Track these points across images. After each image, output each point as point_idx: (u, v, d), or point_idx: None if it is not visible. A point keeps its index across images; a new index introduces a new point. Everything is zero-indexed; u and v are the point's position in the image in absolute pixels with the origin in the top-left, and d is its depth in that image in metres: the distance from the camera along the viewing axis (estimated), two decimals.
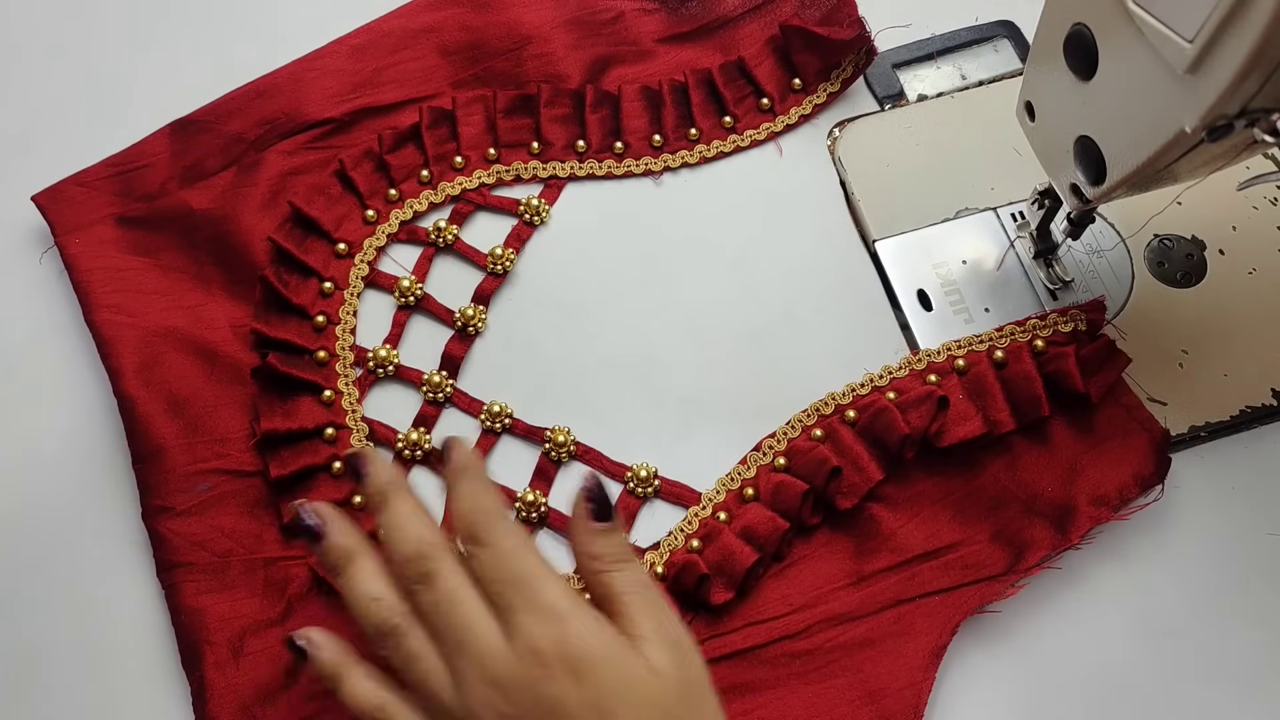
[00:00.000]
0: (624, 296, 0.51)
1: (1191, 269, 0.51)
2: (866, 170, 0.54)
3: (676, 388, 0.49)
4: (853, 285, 0.51)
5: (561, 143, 0.54)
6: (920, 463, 0.46)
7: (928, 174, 0.53)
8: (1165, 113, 0.35)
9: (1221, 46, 0.31)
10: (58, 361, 0.50)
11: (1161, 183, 0.40)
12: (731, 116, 0.54)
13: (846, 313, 0.51)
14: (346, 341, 0.49)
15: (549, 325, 0.50)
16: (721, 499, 0.46)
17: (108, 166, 0.52)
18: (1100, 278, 0.50)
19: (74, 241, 0.50)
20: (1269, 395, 0.48)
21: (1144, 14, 0.34)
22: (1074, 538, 0.44)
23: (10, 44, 0.58)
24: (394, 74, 0.54)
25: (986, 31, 0.57)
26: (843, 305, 0.51)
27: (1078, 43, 0.38)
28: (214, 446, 0.46)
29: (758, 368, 0.49)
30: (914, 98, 0.55)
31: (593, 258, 0.52)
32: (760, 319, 0.50)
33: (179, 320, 0.49)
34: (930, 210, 0.53)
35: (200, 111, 0.53)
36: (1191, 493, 0.46)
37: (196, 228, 0.51)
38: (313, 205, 0.51)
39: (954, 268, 0.51)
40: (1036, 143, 0.45)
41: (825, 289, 0.51)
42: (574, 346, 0.50)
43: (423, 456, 0.48)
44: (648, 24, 0.56)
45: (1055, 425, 0.46)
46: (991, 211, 0.52)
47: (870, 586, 0.44)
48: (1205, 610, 0.44)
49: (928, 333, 0.50)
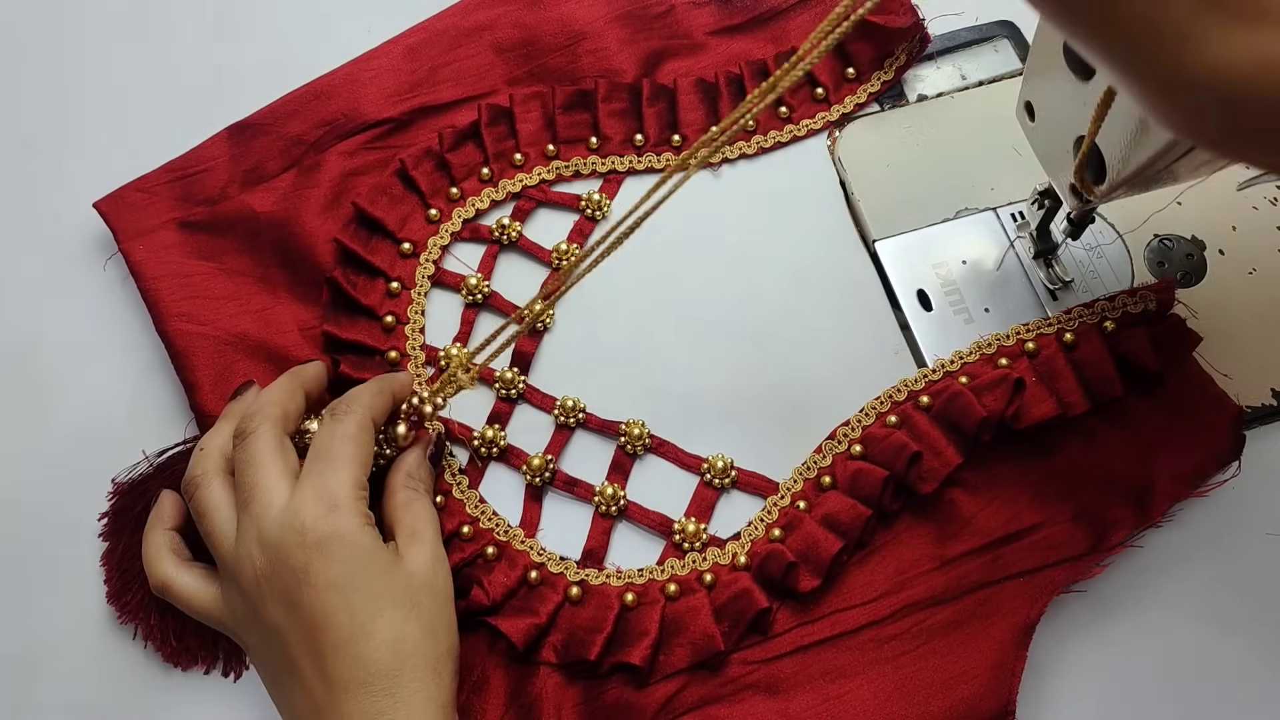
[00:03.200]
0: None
1: (1191, 269, 0.51)
2: (866, 170, 0.54)
3: (678, 388, 0.49)
4: (853, 285, 0.51)
5: (620, 137, 0.54)
6: (992, 448, 0.46)
7: (928, 174, 0.53)
8: None
9: None
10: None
11: (1161, 183, 0.40)
12: (787, 107, 0.54)
13: (846, 313, 0.51)
14: (417, 341, 0.49)
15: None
16: (800, 488, 0.47)
17: (167, 171, 0.52)
18: (1100, 278, 0.51)
19: (138, 248, 0.50)
20: (1269, 395, 0.48)
21: None
22: (1155, 516, 0.44)
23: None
24: (450, 72, 0.54)
25: (986, 31, 0.57)
26: (843, 305, 0.51)
27: None
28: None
29: (758, 368, 0.50)
30: (914, 98, 0.55)
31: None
32: (760, 320, 0.51)
33: (248, 325, 0.49)
34: (930, 210, 0.53)
35: (258, 114, 0.53)
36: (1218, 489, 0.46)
37: (260, 231, 0.51)
38: (376, 205, 0.51)
39: (954, 268, 0.51)
40: (1036, 143, 0.45)
41: (825, 289, 0.51)
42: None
43: (498, 454, 0.48)
44: (699, 17, 0.56)
45: (1129, 405, 0.47)
46: (991, 211, 0.52)
47: (954, 570, 0.44)
48: (1207, 611, 0.45)
49: (928, 333, 0.50)
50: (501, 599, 0.44)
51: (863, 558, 0.45)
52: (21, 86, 0.57)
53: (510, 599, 0.44)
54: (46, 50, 0.58)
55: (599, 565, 0.45)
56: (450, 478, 0.47)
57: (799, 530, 0.45)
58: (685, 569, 0.45)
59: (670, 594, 0.44)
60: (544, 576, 0.45)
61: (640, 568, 0.45)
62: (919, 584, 0.44)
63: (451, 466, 0.47)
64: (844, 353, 0.49)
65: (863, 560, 0.45)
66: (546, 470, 0.47)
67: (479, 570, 0.45)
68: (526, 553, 0.45)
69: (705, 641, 0.43)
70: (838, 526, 0.44)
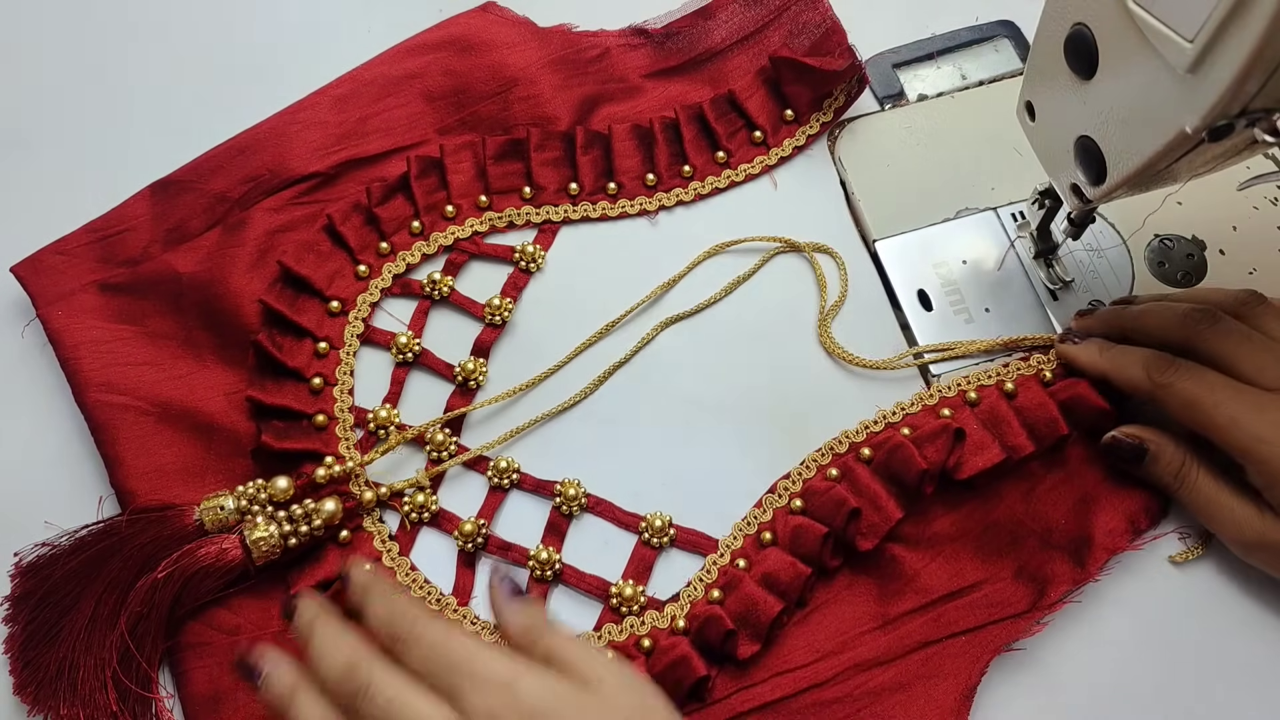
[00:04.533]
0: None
1: (1191, 269, 0.51)
2: (866, 170, 0.53)
3: (680, 391, 0.49)
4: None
5: (554, 186, 0.53)
6: (937, 498, 0.46)
7: (928, 174, 0.53)
8: (1166, 113, 0.35)
9: (1222, 46, 0.31)
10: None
11: (1162, 183, 0.40)
12: (725, 151, 0.53)
13: (846, 312, 0.50)
14: (345, 403, 0.48)
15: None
16: (739, 545, 0.46)
17: (88, 232, 0.51)
18: (1100, 278, 0.51)
19: (56, 314, 0.49)
20: None
21: (1144, 14, 0.34)
22: (1092, 571, 0.43)
23: None
24: (378, 123, 0.53)
25: (986, 31, 0.57)
26: (843, 305, 0.51)
27: (1078, 43, 0.38)
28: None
29: (757, 369, 0.49)
30: (914, 98, 0.55)
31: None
32: (760, 320, 0.50)
33: (171, 393, 0.47)
34: (930, 210, 0.53)
35: (181, 171, 0.52)
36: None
37: (183, 292, 0.49)
38: (303, 263, 0.50)
39: (954, 268, 0.51)
40: (1037, 143, 0.45)
41: (805, 295, 0.51)
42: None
43: (429, 518, 0.46)
44: (634, 59, 0.55)
45: (1065, 455, 0.46)
46: (991, 211, 0.52)
47: (897, 629, 0.43)
48: (1206, 612, 0.44)
49: (928, 333, 0.50)
50: None
51: (803, 617, 0.44)
52: None
53: None
54: None
55: None
56: (379, 544, 0.46)
57: (738, 591, 0.44)
58: (623, 634, 0.44)
59: None
60: None
61: (577, 634, 0.44)
62: (861, 644, 0.43)
63: (381, 533, 0.46)
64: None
65: (804, 619, 0.44)
66: (479, 535, 0.46)
67: None
68: (459, 623, 0.44)
69: None
70: (777, 586, 0.43)
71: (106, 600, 0.43)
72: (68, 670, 0.42)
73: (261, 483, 0.45)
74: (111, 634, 0.42)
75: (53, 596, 0.43)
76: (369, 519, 0.46)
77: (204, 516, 0.44)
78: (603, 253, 0.52)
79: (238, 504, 0.44)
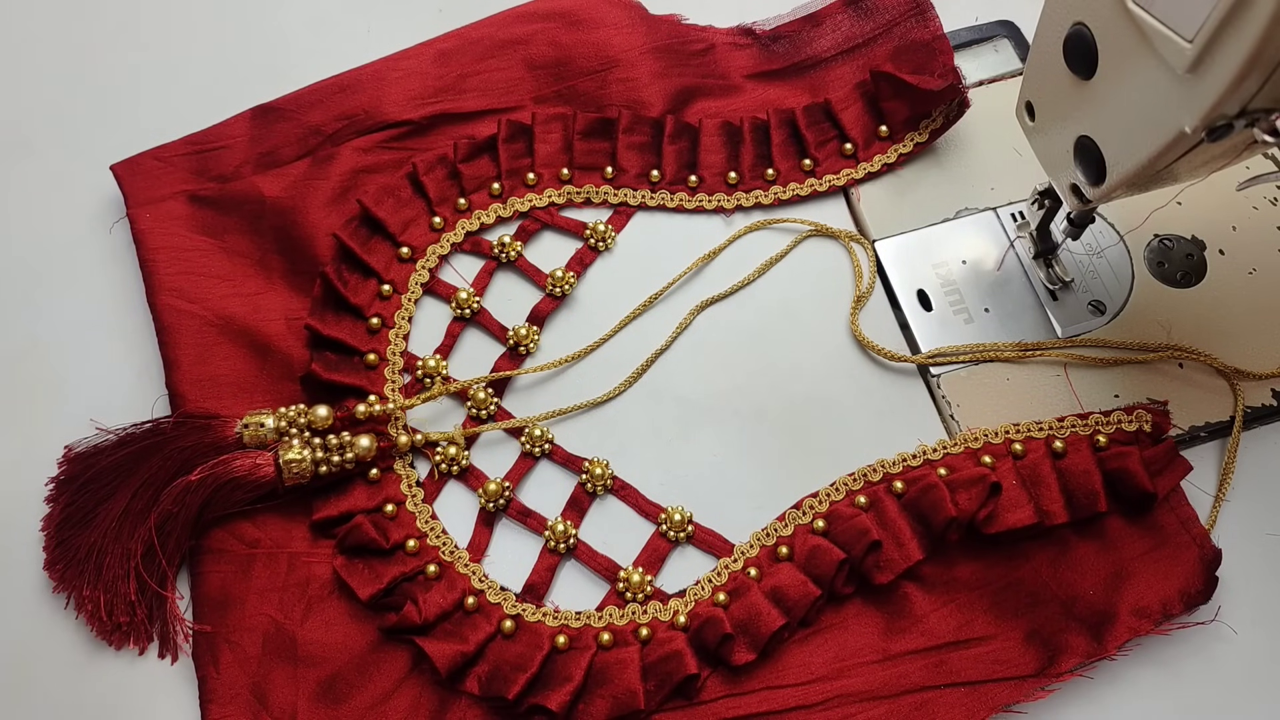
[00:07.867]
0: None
1: (1191, 269, 0.50)
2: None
3: (680, 392, 0.49)
4: (853, 285, 0.51)
5: (636, 170, 0.53)
6: (963, 543, 0.45)
7: (927, 174, 0.53)
8: (1165, 113, 0.34)
9: (1221, 47, 0.31)
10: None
11: (1161, 183, 0.40)
12: (812, 159, 0.53)
13: (846, 313, 0.50)
14: (399, 347, 0.49)
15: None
16: (754, 554, 0.46)
17: (187, 144, 0.53)
18: (1100, 278, 0.50)
19: (144, 215, 0.51)
20: (1269, 395, 0.47)
21: (1144, 14, 0.34)
22: (1110, 648, 0.42)
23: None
24: (477, 82, 0.54)
25: (986, 31, 0.56)
26: (843, 305, 0.50)
27: (1078, 43, 0.38)
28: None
29: (758, 369, 0.49)
30: None
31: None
32: (760, 320, 0.50)
33: (237, 309, 0.49)
34: (930, 210, 0.52)
35: (284, 99, 0.53)
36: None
37: (264, 215, 0.51)
38: (381, 206, 0.51)
39: (954, 268, 0.51)
40: (1036, 143, 0.45)
41: (825, 289, 0.51)
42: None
43: (458, 472, 0.47)
44: (738, 59, 0.55)
45: (1104, 525, 0.45)
46: (991, 211, 0.52)
47: (896, 667, 0.43)
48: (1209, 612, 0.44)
49: (928, 332, 0.49)
50: (434, 619, 0.44)
51: (805, 636, 0.44)
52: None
53: (443, 621, 0.44)
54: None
55: (538, 602, 0.45)
56: (406, 488, 0.47)
57: (744, 598, 0.44)
58: (623, 619, 0.44)
59: (603, 643, 0.43)
60: (481, 604, 0.44)
61: (579, 610, 0.45)
62: (857, 674, 0.43)
63: (409, 477, 0.47)
64: (845, 353, 0.49)
65: (805, 639, 0.44)
66: (502, 497, 0.46)
67: (417, 587, 0.45)
68: (468, 577, 0.45)
69: (627, 697, 0.42)
70: (784, 602, 0.43)
71: (142, 495, 0.44)
72: (95, 555, 0.44)
73: (303, 408, 0.46)
74: (141, 527, 0.44)
75: (94, 484, 0.45)
76: (400, 462, 0.47)
77: (244, 431, 0.45)
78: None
79: (277, 424, 0.45)
